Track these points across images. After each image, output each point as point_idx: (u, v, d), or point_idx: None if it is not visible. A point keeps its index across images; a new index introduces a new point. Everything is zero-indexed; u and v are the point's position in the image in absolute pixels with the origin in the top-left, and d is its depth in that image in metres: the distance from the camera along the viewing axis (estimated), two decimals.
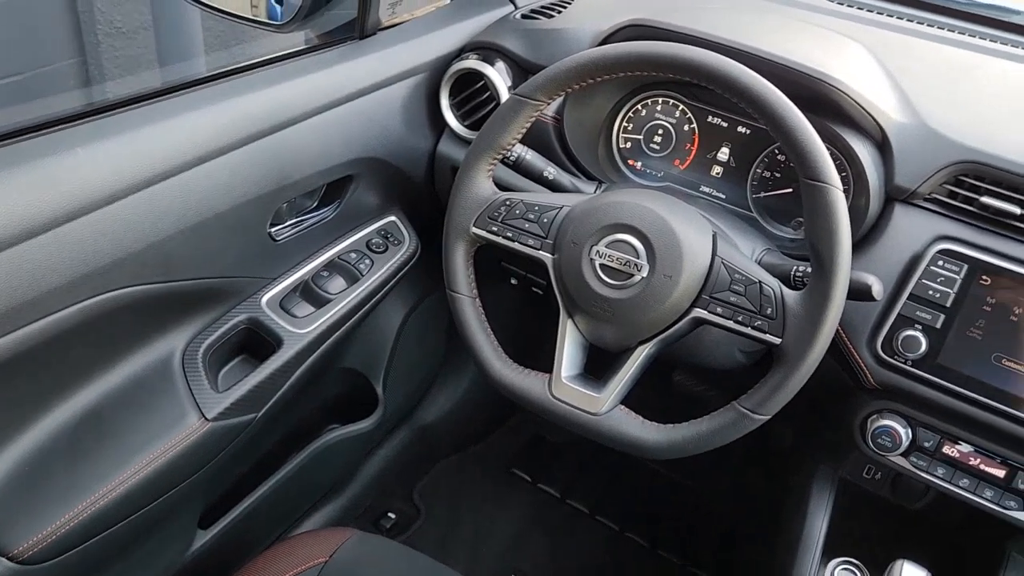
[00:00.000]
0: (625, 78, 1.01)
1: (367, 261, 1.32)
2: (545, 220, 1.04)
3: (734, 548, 1.86)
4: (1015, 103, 1.21)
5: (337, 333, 1.26)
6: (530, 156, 1.14)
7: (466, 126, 1.36)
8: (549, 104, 1.04)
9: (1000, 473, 1.08)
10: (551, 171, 1.15)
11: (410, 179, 1.39)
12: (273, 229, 1.20)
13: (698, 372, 1.66)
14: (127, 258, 0.96)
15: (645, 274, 0.97)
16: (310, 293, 1.25)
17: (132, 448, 1.05)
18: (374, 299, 1.32)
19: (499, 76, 1.31)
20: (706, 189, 1.30)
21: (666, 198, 1.03)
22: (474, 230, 1.05)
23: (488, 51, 1.34)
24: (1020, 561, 1.18)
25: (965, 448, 1.10)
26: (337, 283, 1.28)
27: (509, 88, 1.31)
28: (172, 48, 2.39)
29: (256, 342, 1.20)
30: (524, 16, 1.40)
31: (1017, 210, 1.05)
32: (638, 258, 0.97)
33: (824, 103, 1.12)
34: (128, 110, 1.00)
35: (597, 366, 1.06)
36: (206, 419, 1.10)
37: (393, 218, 1.41)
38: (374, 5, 1.25)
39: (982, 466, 1.09)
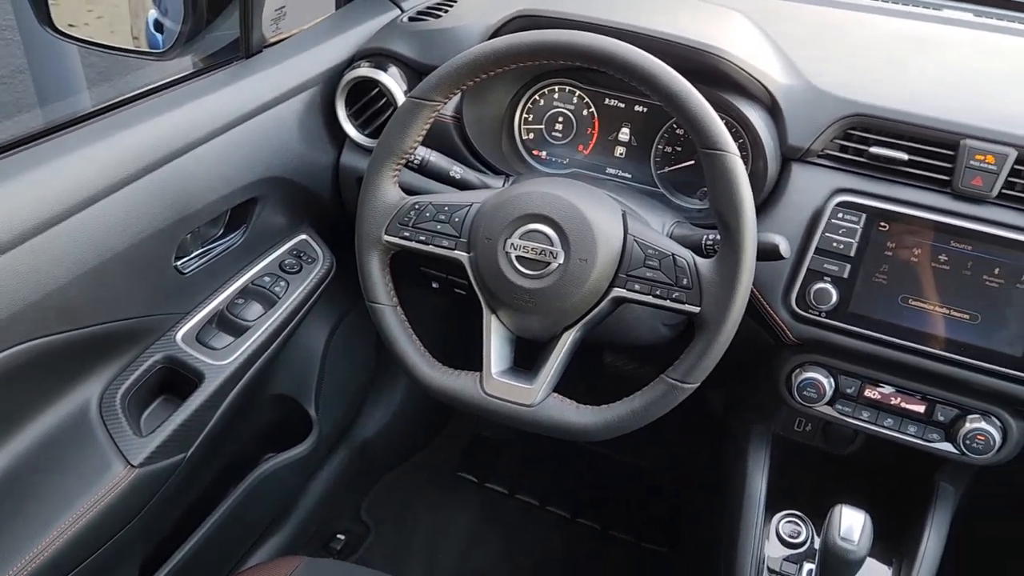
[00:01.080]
0: (519, 70, 1.01)
1: (282, 283, 1.30)
2: (457, 219, 1.03)
3: (683, 518, 1.89)
4: (889, 54, 1.26)
5: (260, 360, 1.23)
6: (434, 157, 1.13)
7: (366, 135, 1.34)
8: (446, 103, 1.03)
9: (920, 409, 1.13)
10: (457, 170, 1.15)
11: (316, 195, 1.37)
12: (179, 262, 1.17)
13: (627, 351, 1.69)
14: (25, 310, 0.91)
15: (561, 261, 0.97)
16: (227, 323, 1.22)
17: (56, 508, 1.00)
18: (294, 321, 1.29)
19: (393, 81, 1.30)
20: (612, 171, 1.32)
21: (573, 183, 1.04)
22: (386, 238, 1.04)
23: (379, 57, 1.33)
24: (949, 490, 1.23)
25: (886, 389, 1.14)
26: (254, 309, 1.25)
27: (405, 92, 1.30)
28: (52, 89, 2.29)
29: (176, 380, 1.16)
30: (411, 19, 1.39)
31: (904, 156, 1.09)
32: (552, 246, 0.98)
33: (713, 74, 1.15)
34: (9, 155, 0.95)
35: (527, 358, 1.06)
36: (132, 466, 1.06)
37: (304, 236, 1.39)
38: (257, 22, 1.22)
39: (903, 404, 1.14)
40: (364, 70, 1.31)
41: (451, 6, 1.40)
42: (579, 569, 1.84)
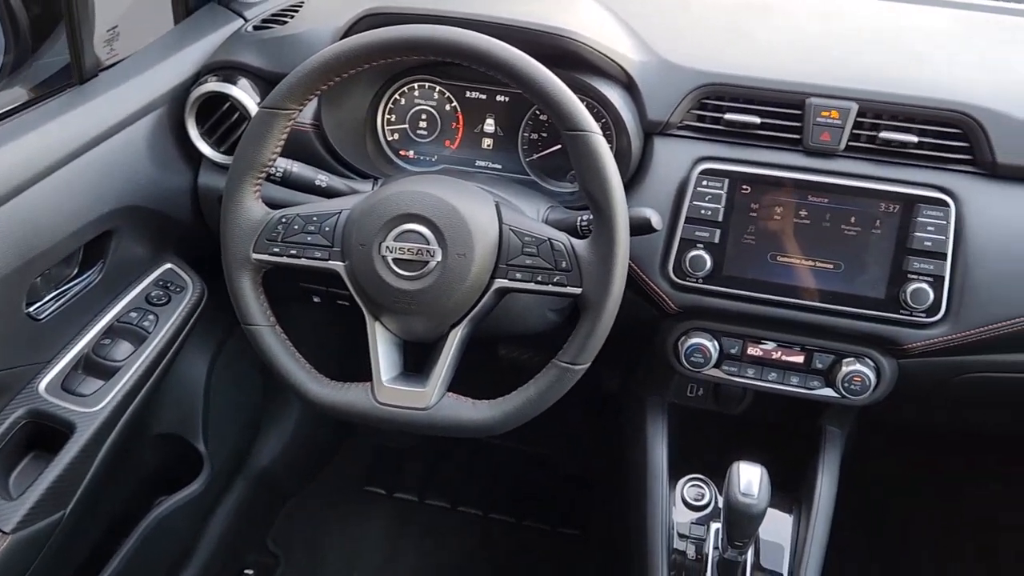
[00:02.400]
0: (375, 69, 0.99)
1: (151, 317, 1.23)
2: (327, 228, 1.00)
3: (594, 499, 1.92)
4: (735, 24, 1.31)
5: (136, 401, 1.17)
6: (297, 168, 1.10)
7: (222, 152, 1.29)
8: (301, 110, 1.00)
9: (800, 359, 1.18)
10: (323, 178, 1.12)
11: (177, 220, 1.30)
12: (32, 308, 1.09)
13: (520, 341, 1.69)
14: None
15: (439, 258, 0.96)
16: (94, 366, 1.15)
17: None
18: (169, 354, 1.23)
19: (244, 94, 1.25)
20: (481, 163, 1.31)
21: (442, 179, 1.03)
22: (255, 256, 1.00)
23: (227, 70, 1.28)
24: (835, 433, 1.29)
25: (767, 345, 1.19)
26: (123, 348, 1.18)
27: (258, 104, 1.25)
28: None
29: (44, 434, 1.08)
30: (256, 27, 1.34)
31: (756, 119, 1.14)
32: (429, 244, 0.96)
33: (569, 57, 1.16)
34: None
35: (419, 361, 1.05)
36: (4, 532, 0.98)
37: (170, 265, 1.32)
38: (87, 45, 1.15)
39: (783, 357, 1.18)
40: (212, 85, 1.25)
41: (297, 11, 1.36)
42: (497, 564, 1.84)
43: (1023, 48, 1.26)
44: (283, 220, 1.00)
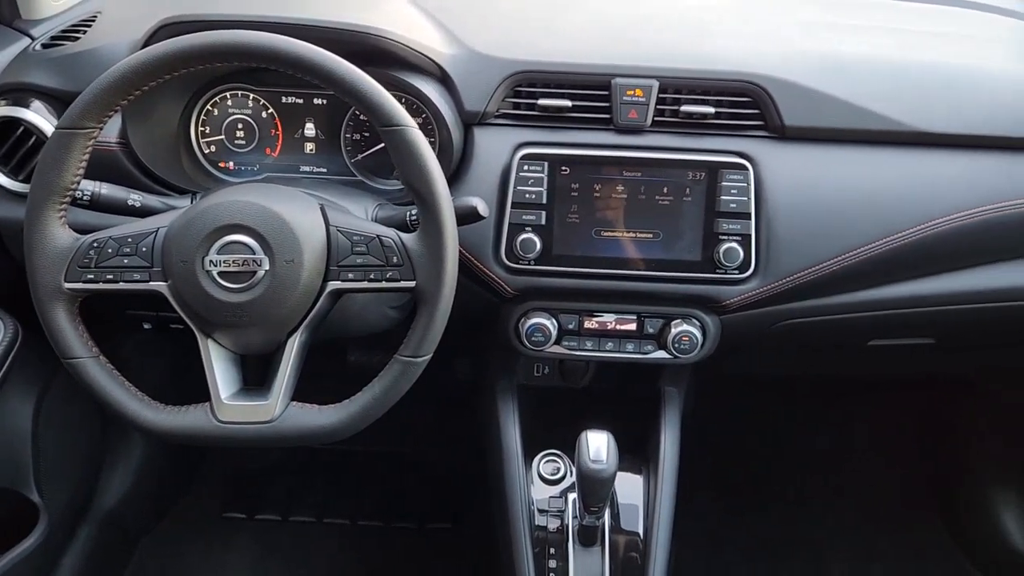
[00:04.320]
0: (181, 81, 0.96)
1: None
2: (144, 249, 0.96)
3: (460, 490, 1.94)
4: (542, 12, 1.36)
5: None
6: (106, 190, 1.04)
7: (21, 180, 1.20)
8: (101, 128, 0.95)
9: (633, 327, 1.24)
10: (136, 198, 1.07)
11: None
12: None
13: (367, 344, 1.68)
14: None
15: (267, 267, 0.95)
16: None
17: None
18: None
19: (39, 116, 1.17)
20: (305, 168, 1.30)
21: (263, 187, 1.02)
22: (67, 285, 0.95)
23: (17, 92, 1.19)
24: (673, 392, 1.37)
25: (601, 317, 1.24)
26: None
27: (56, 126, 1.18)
28: None
29: None
30: (45, 45, 1.26)
31: (568, 103, 1.19)
32: (254, 254, 0.95)
33: (380, 55, 1.17)
34: None
35: (259, 374, 1.02)
36: None
37: None
38: None
39: (618, 327, 1.24)
40: (2, 110, 1.17)
41: (90, 26, 1.29)
42: (368, 570, 1.82)
43: (802, 20, 1.38)
44: (95, 245, 0.95)
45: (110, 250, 0.95)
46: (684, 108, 1.18)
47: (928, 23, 1.42)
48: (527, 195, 1.17)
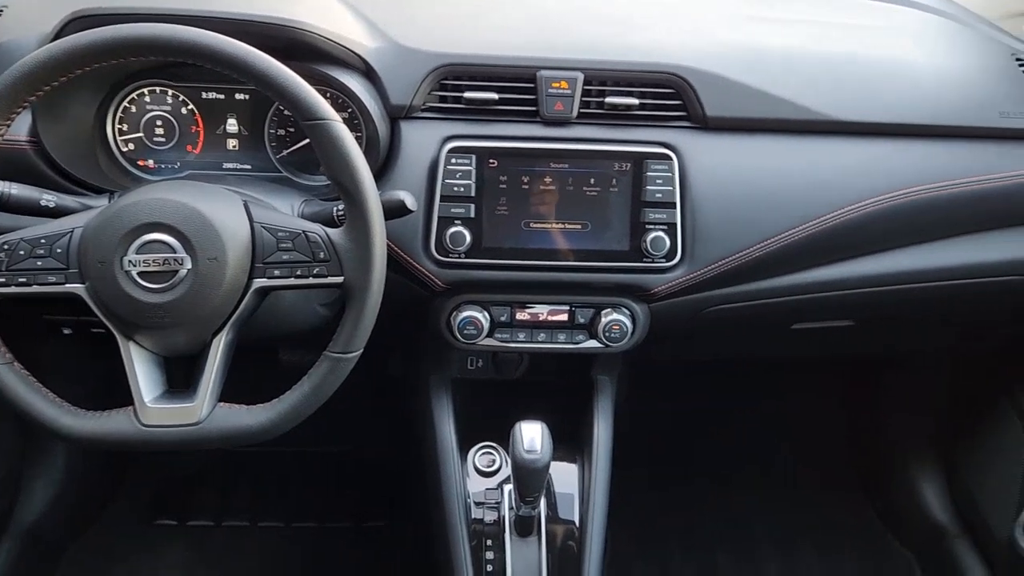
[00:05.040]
0: (95, 76, 0.93)
1: None
2: (59, 250, 0.93)
3: (395, 487, 1.93)
4: (468, 5, 1.35)
5: None
6: (16, 190, 1.00)
7: None
8: (8, 126, 0.92)
9: (564, 317, 1.25)
10: (49, 198, 1.03)
11: None
12: None
13: (298, 342, 1.65)
14: None
15: (189, 266, 0.93)
16: None
17: None
18: None
19: None
20: (229, 165, 1.27)
21: (183, 184, 1.00)
22: None
23: None
24: (605, 381, 1.38)
25: (533, 309, 1.25)
26: None
27: None
28: None
29: None
30: None
31: (495, 95, 1.19)
32: (175, 253, 0.93)
33: (301, 48, 1.15)
34: None
35: (185, 376, 1.00)
36: None
37: None
38: None
39: (549, 317, 1.25)
40: None
41: None
42: (305, 572, 1.80)
43: (723, 13, 1.41)
44: (5, 247, 0.92)
45: (22, 252, 0.92)
46: (609, 100, 1.20)
47: (846, 16, 1.47)
48: (455, 188, 1.16)
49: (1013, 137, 1.29)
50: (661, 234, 1.18)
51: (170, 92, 1.24)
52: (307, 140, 1.25)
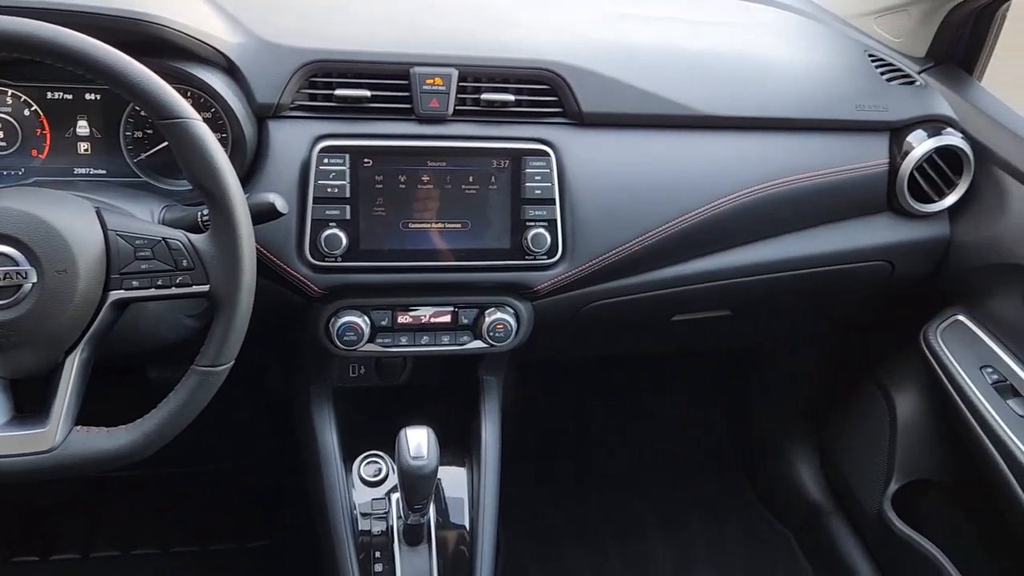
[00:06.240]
0: None
1: None
2: None
3: (283, 504, 1.86)
4: (332, 0, 1.31)
5: None
6: None
7: None
8: None
9: (448, 319, 1.23)
10: None
11: None
12: None
13: (167, 358, 1.57)
14: None
15: (35, 279, 0.86)
16: None
17: None
18: None
19: None
20: (81, 170, 1.18)
21: (24, 191, 0.92)
22: None
23: None
24: (492, 381, 1.37)
25: (415, 312, 1.22)
26: None
27: None
28: None
29: None
30: None
31: (367, 93, 1.15)
32: (18, 265, 0.86)
33: (158, 44, 1.08)
34: None
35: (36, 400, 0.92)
36: None
37: None
38: None
39: (433, 319, 1.22)
40: None
41: None
42: None
43: (596, 10, 1.42)
44: None
45: None
46: (485, 96, 1.18)
47: (713, 14, 1.51)
48: (329, 189, 1.12)
49: (868, 129, 1.36)
50: (542, 231, 1.17)
51: (10, 92, 1.14)
52: (166, 142, 1.18)
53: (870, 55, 1.45)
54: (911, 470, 1.55)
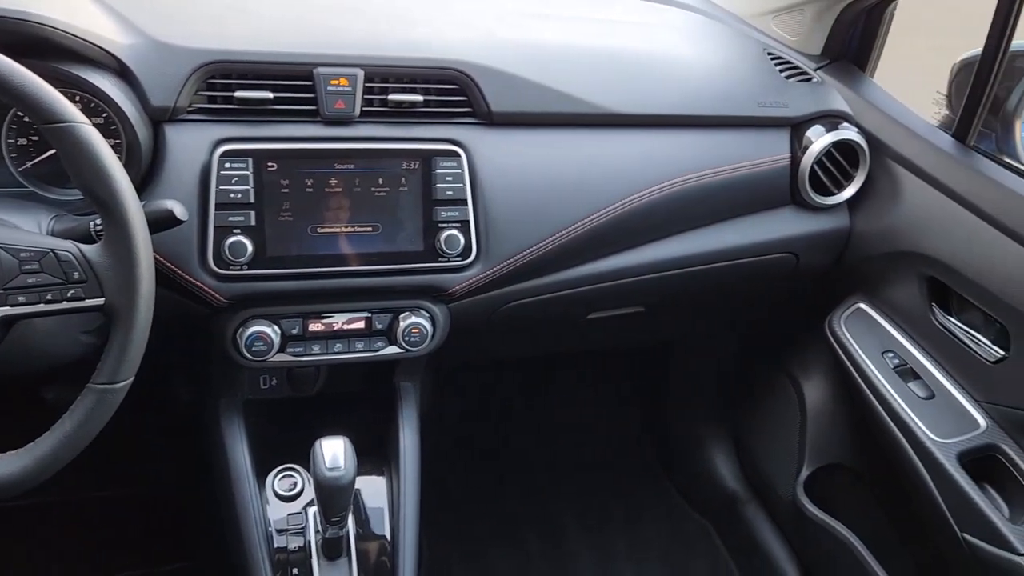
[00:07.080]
0: None
1: None
2: None
3: (196, 523, 1.78)
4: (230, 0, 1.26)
5: None
6: None
7: None
8: None
9: (361, 324, 1.20)
10: None
11: None
12: None
13: (63, 377, 1.48)
14: None
15: None
16: None
17: None
18: None
19: None
20: None
21: None
22: None
23: None
24: (409, 388, 1.34)
25: (327, 318, 1.19)
26: None
27: None
28: None
29: None
30: None
31: (269, 95, 1.12)
32: None
33: (42, 45, 1.02)
34: None
35: None
36: None
37: None
38: None
39: (346, 326, 1.19)
40: None
41: None
42: None
43: (502, 10, 1.41)
44: None
45: None
46: (392, 97, 1.16)
47: (618, 13, 1.53)
48: (232, 194, 1.08)
49: (770, 125, 1.40)
50: (455, 232, 1.16)
51: None
52: (54, 150, 1.12)
53: (769, 53, 1.49)
54: (821, 455, 1.60)
